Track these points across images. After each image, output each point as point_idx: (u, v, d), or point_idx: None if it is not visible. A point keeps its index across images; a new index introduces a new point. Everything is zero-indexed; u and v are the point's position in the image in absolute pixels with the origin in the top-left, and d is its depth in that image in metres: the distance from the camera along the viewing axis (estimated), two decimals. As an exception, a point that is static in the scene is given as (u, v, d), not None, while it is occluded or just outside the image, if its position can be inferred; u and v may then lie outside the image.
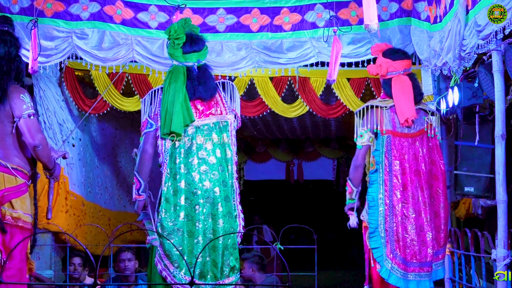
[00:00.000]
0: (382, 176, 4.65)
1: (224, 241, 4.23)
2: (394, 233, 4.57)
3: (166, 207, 4.24)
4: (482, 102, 5.12)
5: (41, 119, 7.13)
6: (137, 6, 6.25)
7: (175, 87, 4.34)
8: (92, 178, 7.88)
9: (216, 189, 4.27)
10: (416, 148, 4.70)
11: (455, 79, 5.39)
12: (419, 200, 4.64)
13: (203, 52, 4.47)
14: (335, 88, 7.02)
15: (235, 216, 4.36)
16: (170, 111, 4.30)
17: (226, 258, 4.26)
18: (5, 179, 4.16)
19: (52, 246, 7.11)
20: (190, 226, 4.23)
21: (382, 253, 4.58)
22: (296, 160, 12.52)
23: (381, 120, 4.69)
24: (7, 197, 4.14)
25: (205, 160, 4.30)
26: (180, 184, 4.26)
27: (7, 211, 4.14)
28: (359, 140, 4.74)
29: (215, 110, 4.41)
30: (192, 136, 4.33)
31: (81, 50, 6.23)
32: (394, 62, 4.80)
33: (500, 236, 4.44)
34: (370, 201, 4.69)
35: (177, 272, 4.17)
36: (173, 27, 4.40)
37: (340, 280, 11.06)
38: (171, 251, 4.18)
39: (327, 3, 6.03)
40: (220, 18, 6.26)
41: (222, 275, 4.23)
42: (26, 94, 4.23)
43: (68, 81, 7.17)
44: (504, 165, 4.49)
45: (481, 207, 6.64)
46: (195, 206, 4.25)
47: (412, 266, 4.58)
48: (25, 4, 6.12)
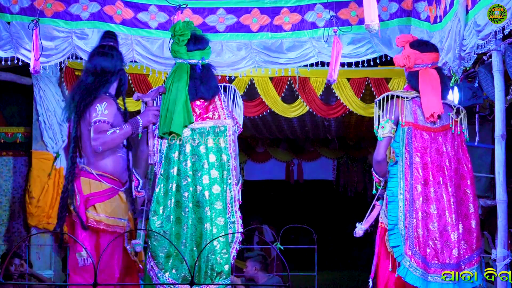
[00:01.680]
0: (403, 169, 4.33)
1: (210, 245, 4.15)
2: (414, 229, 4.26)
3: (155, 208, 4.22)
4: (482, 102, 5.12)
5: (41, 119, 7.15)
6: (137, 6, 6.25)
7: (178, 87, 4.32)
8: (92, 178, 7.87)
9: (205, 193, 4.23)
10: (439, 143, 4.40)
11: (455, 79, 5.39)
12: (443, 198, 4.33)
13: (207, 51, 4.45)
14: (335, 88, 7.02)
15: (232, 222, 4.29)
16: (171, 110, 4.29)
17: (211, 263, 4.17)
18: (91, 184, 4.35)
19: (52, 246, 7.12)
20: (178, 229, 4.20)
21: (402, 252, 4.26)
22: (296, 160, 12.52)
23: (402, 110, 4.39)
24: (91, 201, 4.32)
25: (197, 163, 4.27)
26: (171, 186, 4.24)
27: (91, 214, 4.31)
28: (380, 132, 4.38)
29: (212, 114, 4.39)
30: (187, 139, 4.31)
31: (81, 50, 6.23)
32: (423, 54, 4.48)
33: (500, 236, 4.44)
34: (389, 196, 4.38)
35: (161, 274, 4.14)
36: (177, 24, 4.38)
37: (340, 280, 11.07)
38: (156, 253, 4.16)
39: (327, 3, 6.03)
40: (220, 18, 6.26)
41: (206, 279, 4.15)
42: (103, 103, 4.35)
43: (68, 81, 7.17)
44: (504, 165, 4.49)
45: (481, 207, 6.64)
46: (184, 209, 4.22)
47: (433, 267, 4.25)
48: (25, 4, 6.12)
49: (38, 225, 7.03)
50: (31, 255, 6.99)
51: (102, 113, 4.32)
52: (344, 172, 12.87)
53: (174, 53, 4.43)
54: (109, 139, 4.26)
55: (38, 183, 7.08)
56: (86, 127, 4.37)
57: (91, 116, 4.34)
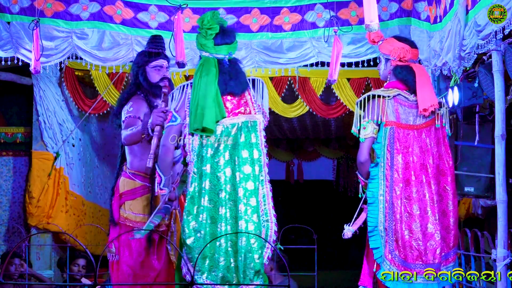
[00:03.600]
0: (384, 170, 4.32)
1: (246, 244, 4.07)
2: (393, 232, 4.28)
3: (190, 208, 4.09)
4: (482, 102, 5.11)
5: (41, 119, 7.14)
6: (137, 6, 6.25)
7: (207, 81, 4.15)
8: (92, 178, 7.88)
9: (239, 190, 4.10)
10: (422, 140, 4.38)
11: (455, 79, 5.39)
12: (426, 197, 4.32)
13: (234, 45, 4.29)
14: (335, 88, 7.02)
15: (266, 220, 4.20)
16: (201, 105, 4.11)
17: (249, 262, 4.08)
18: (125, 182, 4.57)
19: (52, 246, 7.12)
20: (213, 228, 4.07)
21: (382, 254, 4.29)
22: (296, 160, 12.51)
23: (383, 110, 4.35)
24: (123, 199, 4.53)
25: (230, 160, 4.14)
26: (205, 185, 4.11)
27: (122, 211, 4.52)
28: (362, 133, 4.34)
29: (244, 109, 4.24)
30: (220, 135, 4.16)
31: (81, 50, 6.23)
32: (412, 49, 4.49)
33: (500, 236, 4.44)
34: (369, 198, 4.38)
35: (199, 276, 4.03)
36: (206, 17, 4.22)
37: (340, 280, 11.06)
38: (192, 255, 4.03)
39: (327, 3, 6.03)
40: (220, 18, 6.26)
41: (245, 279, 4.06)
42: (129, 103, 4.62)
43: (68, 81, 7.17)
44: (504, 165, 4.49)
45: (481, 207, 6.64)
46: (219, 208, 4.09)
47: (415, 268, 4.26)
48: (25, 4, 6.13)
49: (38, 225, 7.03)
50: (31, 255, 6.99)
51: (127, 111, 4.57)
52: (344, 172, 12.86)
53: (200, 46, 4.26)
54: (127, 135, 4.51)
55: (38, 183, 7.08)
56: None
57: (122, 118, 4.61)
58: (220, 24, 4.25)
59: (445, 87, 5.81)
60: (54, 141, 7.19)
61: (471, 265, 5.71)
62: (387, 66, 4.51)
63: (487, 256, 4.99)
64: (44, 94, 7.13)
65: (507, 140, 4.57)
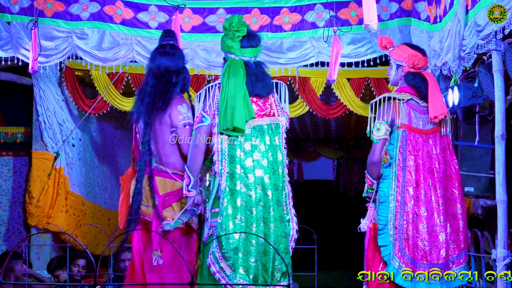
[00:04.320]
0: (395, 171, 4.39)
1: (275, 246, 4.08)
2: (404, 231, 4.35)
3: (225, 209, 4.09)
4: (482, 102, 5.12)
5: (41, 119, 7.15)
6: (137, 6, 6.25)
7: (235, 82, 4.18)
8: (92, 178, 7.88)
9: (268, 192, 4.13)
10: (429, 145, 4.47)
11: (455, 79, 5.39)
12: (432, 199, 4.41)
13: (259, 48, 4.34)
14: (335, 88, 7.03)
15: (287, 220, 4.22)
16: (231, 105, 4.13)
17: (277, 263, 4.11)
18: (166, 183, 4.37)
19: (52, 246, 7.12)
20: (245, 229, 4.08)
21: (390, 252, 4.36)
22: (296, 160, 12.51)
23: (398, 112, 4.42)
24: (168, 201, 4.34)
25: (258, 162, 4.17)
26: (236, 185, 4.12)
27: (169, 214, 4.32)
28: (376, 134, 4.41)
29: (269, 111, 4.28)
30: (248, 136, 4.19)
31: (81, 50, 6.23)
32: (424, 57, 4.55)
33: (500, 236, 4.44)
34: (381, 197, 4.45)
35: (233, 275, 4.02)
36: (234, 19, 4.24)
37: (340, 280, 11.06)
38: (229, 253, 4.03)
39: (327, 3, 6.03)
40: (220, 18, 6.26)
41: (272, 280, 4.08)
42: (183, 105, 4.42)
43: (68, 81, 7.18)
44: (504, 165, 4.49)
45: (481, 207, 6.64)
46: (251, 208, 4.11)
47: (421, 267, 4.35)
48: (25, 4, 6.12)
49: (38, 225, 7.03)
50: (31, 255, 6.99)
51: (188, 115, 4.39)
52: (344, 172, 12.87)
53: (226, 48, 4.28)
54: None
55: (38, 183, 7.08)
56: (163, 129, 4.38)
57: (176, 119, 4.37)
58: (247, 27, 4.29)
59: (445, 87, 5.80)
60: (54, 141, 7.19)
61: (471, 265, 5.72)
62: (398, 72, 4.55)
63: (487, 256, 4.99)
64: (44, 94, 7.14)
65: (507, 140, 4.57)
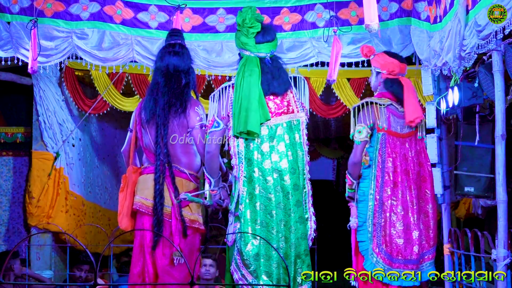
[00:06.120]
0: (375, 172, 4.76)
1: (296, 248, 4.06)
2: (381, 228, 4.69)
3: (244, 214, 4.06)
4: (482, 102, 5.12)
5: (41, 119, 7.14)
6: (137, 6, 6.25)
7: (250, 81, 4.09)
8: (92, 178, 7.88)
9: (288, 194, 4.10)
10: (406, 148, 4.82)
11: (455, 79, 5.39)
12: (407, 199, 4.75)
13: (275, 43, 4.24)
14: (335, 88, 7.02)
15: (306, 219, 4.19)
16: (245, 107, 4.06)
17: (298, 266, 4.09)
18: (183, 184, 4.40)
19: (52, 246, 7.12)
20: (265, 233, 4.03)
21: (368, 247, 4.70)
22: (296, 160, 12.49)
23: (378, 116, 4.79)
24: (185, 202, 4.37)
25: (277, 163, 4.12)
26: (255, 189, 4.08)
27: (186, 214, 4.36)
28: (358, 136, 4.77)
29: (287, 109, 4.22)
30: (265, 137, 4.13)
31: (81, 50, 6.23)
32: (401, 64, 4.92)
33: (500, 236, 4.45)
34: (360, 196, 4.82)
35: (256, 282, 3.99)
36: (246, 15, 4.14)
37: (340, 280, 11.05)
38: (250, 260, 3.99)
39: (327, 3, 6.03)
40: (220, 18, 6.26)
41: (294, 283, 4.07)
42: (200, 106, 4.45)
43: (68, 81, 7.17)
44: (504, 165, 4.50)
45: (481, 207, 6.63)
46: (271, 211, 4.06)
47: (397, 262, 4.68)
48: (25, 4, 6.12)
49: (38, 225, 7.03)
50: (31, 255, 6.99)
51: (203, 117, 4.38)
52: (344, 172, 12.83)
53: (241, 45, 4.20)
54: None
55: (38, 183, 7.08)
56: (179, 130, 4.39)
57: (193, 120, 4.36)
58: (261, 21, 4.18)
59: (445, 87, 5.80)
60: (54, 141, 7.19)
61: (471, 265, 5.71)
62: (377, 78, 4.94)
63: (487, 256, 4.99)
64: (44, 94, 7.13)
65: (507, 140, 4.58)
